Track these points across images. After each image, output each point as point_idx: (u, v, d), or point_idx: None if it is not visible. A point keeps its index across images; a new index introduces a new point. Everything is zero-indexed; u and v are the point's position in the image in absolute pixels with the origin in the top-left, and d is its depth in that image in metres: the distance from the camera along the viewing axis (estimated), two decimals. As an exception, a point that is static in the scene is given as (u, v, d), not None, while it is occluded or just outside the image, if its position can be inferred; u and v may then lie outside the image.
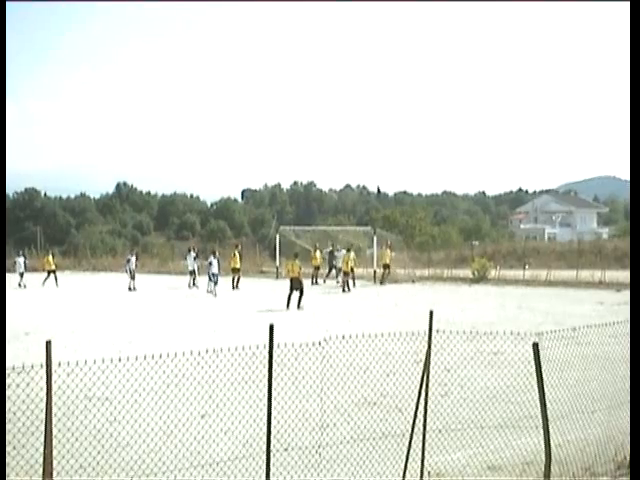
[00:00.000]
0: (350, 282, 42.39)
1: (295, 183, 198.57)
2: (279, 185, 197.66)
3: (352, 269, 42.90)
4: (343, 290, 41.14)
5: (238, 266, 44.62)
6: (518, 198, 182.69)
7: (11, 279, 46.50)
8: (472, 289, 43.78)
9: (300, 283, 32.93)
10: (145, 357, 8.97)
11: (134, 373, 9.62)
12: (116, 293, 42.26)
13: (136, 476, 10.23)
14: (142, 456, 10.75)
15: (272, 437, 9.41)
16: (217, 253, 42.41)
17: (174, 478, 10.24)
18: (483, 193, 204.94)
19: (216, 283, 40.16)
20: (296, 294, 32.78)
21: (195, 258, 45.80)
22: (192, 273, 45.08)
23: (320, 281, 47.04)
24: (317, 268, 47.68)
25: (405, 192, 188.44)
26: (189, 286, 44.09)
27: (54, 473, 8.39)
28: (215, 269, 40.11)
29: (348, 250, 43.97)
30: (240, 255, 46.36)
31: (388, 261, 46.02)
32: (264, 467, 9.39)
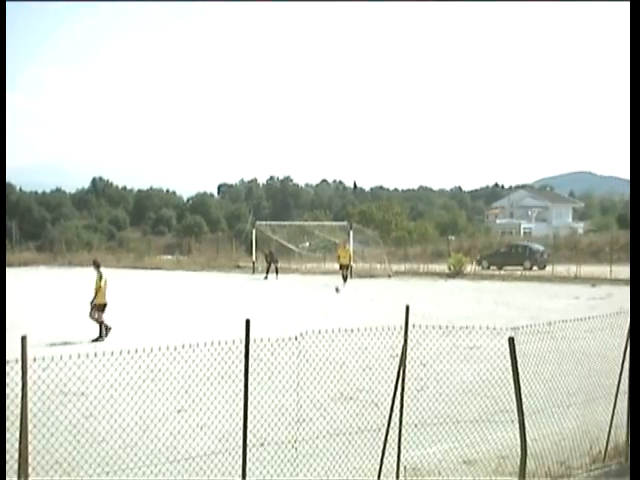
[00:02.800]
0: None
1: (271, 178, 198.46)
2: (255, 180, 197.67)
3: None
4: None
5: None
6: (494, 193, 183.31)
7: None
8: (448, 284, 43.93)
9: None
10: (121, 352, 8.94)
11: (110, 368, 9.59)
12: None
13: (112, 471, 10.22)
14: (118, 451, 10.73)
15: (248, 432, 9.41)
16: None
17: (150, 473, 10.22)
18: (459, 188, 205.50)
19: None
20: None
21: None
22: None
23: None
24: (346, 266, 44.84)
25: (381, 187, 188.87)
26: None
27: (29, 469, 8.36)
28: None
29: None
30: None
31: (346, 262, 44.29)
32: (240, 462, 9.39)
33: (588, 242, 62.14)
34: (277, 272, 48.14)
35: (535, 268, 52.71)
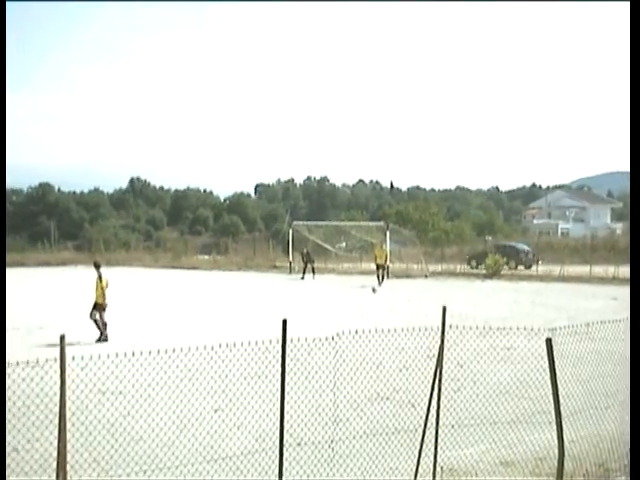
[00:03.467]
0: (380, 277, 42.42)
1: (308, 178, 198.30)
2: (292, 180, 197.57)
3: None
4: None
5: None
6: (531, 193, 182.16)
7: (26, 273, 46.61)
8: (485, 284, 43.73)
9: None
10: (158, 351, 8.99)
11: (147, 367, 9.64)
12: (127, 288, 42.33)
13: (149, 470, 10.26)
14: (155, 450, 10.78)
15: (285, 432, 9.42)
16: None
17: (187, 472, 10.26)
18: (496, 188, 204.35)
19: None
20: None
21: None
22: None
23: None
24: (382, 266, 44.61)
25: (418, 187, 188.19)
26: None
27: (68, 467, 8.42)
28: None
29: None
30: None
31: (382, 262, 44.15)
32: (277, 462, 9.40)
33: (626, 243, 61.48)
34: (314, 272, 48.13)
35: (521, 267, 53.35)
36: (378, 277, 42.25)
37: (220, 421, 11.79)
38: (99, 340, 22.22)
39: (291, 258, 53.45)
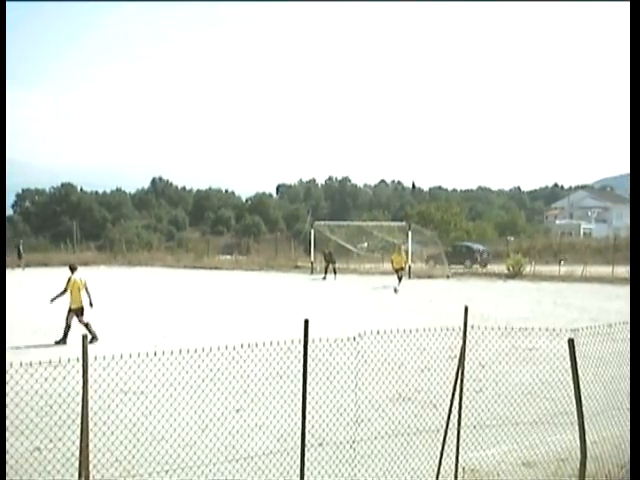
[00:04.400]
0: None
1: (330, 178, 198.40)
2: (314, 180, 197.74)
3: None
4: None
5: None
6: (554, 194, 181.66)
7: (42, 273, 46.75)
8: (507, 285, 43.61)
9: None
10: (180, 351, 9.01)
11: (169, 367, 9.67)
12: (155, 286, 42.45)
13: (171, 470, 10.29)
14: (177, 450, 10.81)
15: (307, 432, 9.42)
16: None
17: (209, 472, 10.28)
18: (518, 189, 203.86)
19: None
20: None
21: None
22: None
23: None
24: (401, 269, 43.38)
25: (440, 187, 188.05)
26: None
27: (90, 466, 8.46)
28: None
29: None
30: None
31: (400, 266, 43.25)
32: (299, 462, 9.40)
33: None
34: (335, 272, 48.10)
35: (477, 267, 53.88)
36: (398, 278, 41.97)
37: (242, 421, 11.82)
38: (59, 342, 21.93)
39: (313, 258, 53.43)
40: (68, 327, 21.94)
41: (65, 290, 22.43)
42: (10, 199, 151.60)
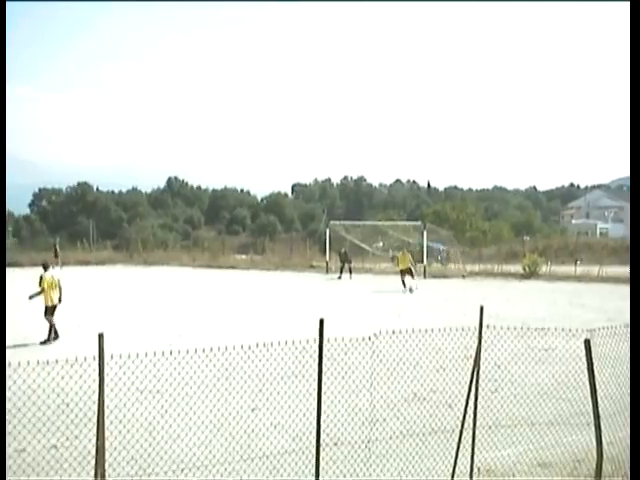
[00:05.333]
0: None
1: (345, 178, 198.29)
2: (329, 180, 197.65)
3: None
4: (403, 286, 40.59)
5: None
6: (570, 193, 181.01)
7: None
8: (523, 285, 43.48)
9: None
10: (196, 350, 9.03)
11: (185, 366, 9.69)
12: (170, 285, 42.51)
13: (187, 468, 10.32)
14: (192, 448, 10.84)
15: (322, 431, 9.43)
16: None
17: (224, 471, 10.30)
18: (534, 188, 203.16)
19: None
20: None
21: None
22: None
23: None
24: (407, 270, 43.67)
25: (455, 187, 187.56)
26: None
27: (106, 464, 8.48)
28: None
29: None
30: None
31: (406, 267, 42.35)
32: (314, 461, 9.41)
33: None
34: (351, 272, 48.04)
35: (438, 265, 53.39)
36: (412, 277, 41.44)
37: (257, 420, 11.84)
38: (48, 341, 21.94)
39: (328, 258, 53.33)
40: (52, 326, 22.02)
41: (42, 289, 22.45)
42: (27, 198, 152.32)
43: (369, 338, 10.26)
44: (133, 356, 8.62)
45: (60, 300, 22.75)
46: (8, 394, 11.20)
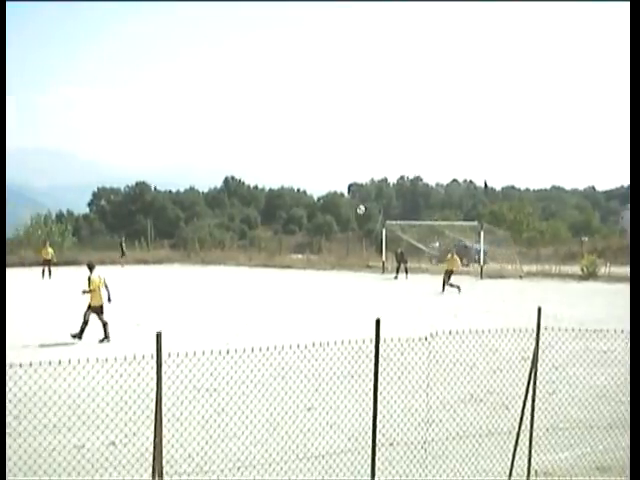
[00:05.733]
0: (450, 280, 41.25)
1: (401, 178, 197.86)
2: (386, 180, 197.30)
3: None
4: (448, 286, 40.14)
5: None
6: (629, 193, 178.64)
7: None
8: (581, 286, 43.05)
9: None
10: (252, 349, 9.07)
11: (242, 365, 9.74)
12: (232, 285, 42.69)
13: (242, 467, 10.36)
14: (249, 447, 10.88)
15: (377, 432, 9.43)
16: None
17: (280, 469, 10.33)
18: (593, 188, 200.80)
19: None
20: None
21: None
22: None
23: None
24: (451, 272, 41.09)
25: (513, 187, 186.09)
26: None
27: (163, 461, 8.56)
28: None
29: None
30: None
31: (450, 267, 41.54)
32: (369, 462, 9.41)
33: None
34: (407, 272, 47.92)
35: (475, 266, 52.57)
36: (447, 278, 40.54)
37: (313, 419, 11.86)
38: (75, 336, 22.02)
39: (384, 258, 53.27)
40: (85, 323, 22.10)
41: (91, 290, 22.55)
42: (86, 198, 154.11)
43: (425, 339, 10.24)
44: (190, 354, 8.69)
45: (110, 299, 22.89)
46: (69, 391, 11.35)
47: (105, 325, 22.12)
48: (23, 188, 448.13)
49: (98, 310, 22.35)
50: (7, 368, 8.59)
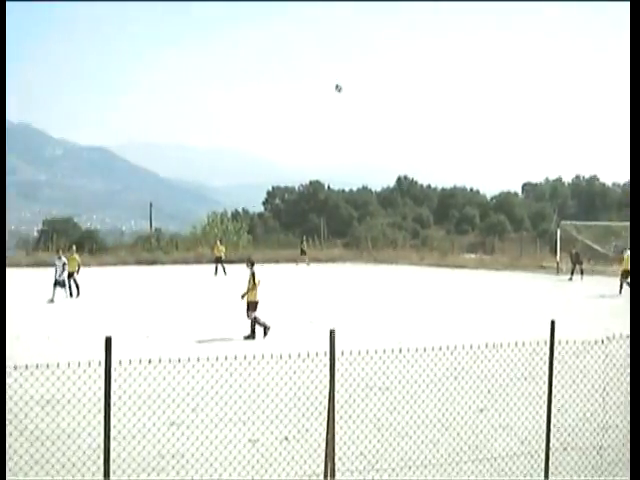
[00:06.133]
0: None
1: (577, 177, 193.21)
2: (560, 179, 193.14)
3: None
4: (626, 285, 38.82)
5: None
6: None
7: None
8: None
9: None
10: (425, 349, 9.08)
11: (414, 364, 9.76)
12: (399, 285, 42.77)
13: (414, 466, 10.38)
14: (420, 446, 10.89)
15: (551, 435, 9.29)
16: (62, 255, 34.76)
17: (451, 470, 10.30)
18: None
19: (63, 286, 33.94)
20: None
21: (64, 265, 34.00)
22: (58, 284, 33.70)
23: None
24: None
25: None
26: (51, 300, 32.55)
27: (336, 458, 8.67)
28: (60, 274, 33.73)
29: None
30: None
31: (629, 267, 39.57)
32: (542, 466, 9.28)
33: None
34: (582, 273, 46.73)
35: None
36: (621, 284, 39.12)
37: (485, 421, 11.77)
38: (251, 336, 22.05)
39: (558, 258, 52.23)
40: (255, 322, 22.26)
41: (255, 285, 22.69)
42: (261, 197, 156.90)
43: (602, 341, 10.02)
44: (363, 353, 8.77)
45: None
46: (244, 386, 11.64)
47: (255, 319, 22.28)
48: (202, 187, 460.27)
49: (254, 307, 22.58)
50: (177, 362, 8.80)
